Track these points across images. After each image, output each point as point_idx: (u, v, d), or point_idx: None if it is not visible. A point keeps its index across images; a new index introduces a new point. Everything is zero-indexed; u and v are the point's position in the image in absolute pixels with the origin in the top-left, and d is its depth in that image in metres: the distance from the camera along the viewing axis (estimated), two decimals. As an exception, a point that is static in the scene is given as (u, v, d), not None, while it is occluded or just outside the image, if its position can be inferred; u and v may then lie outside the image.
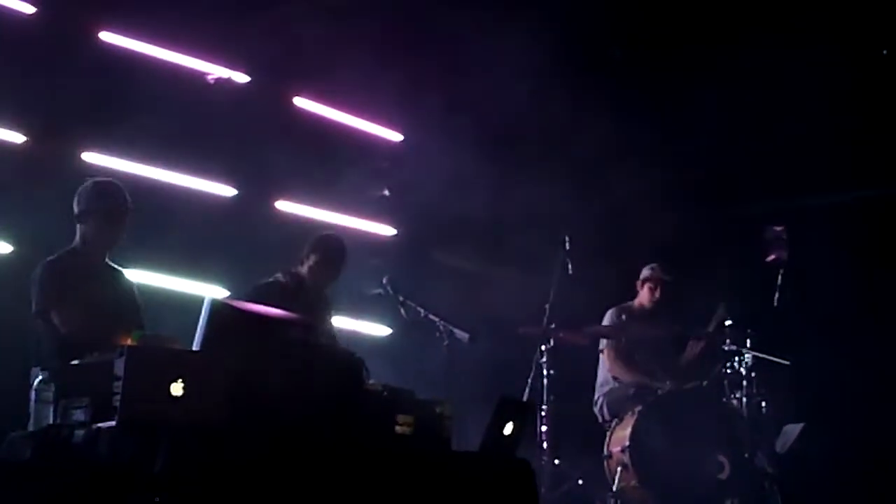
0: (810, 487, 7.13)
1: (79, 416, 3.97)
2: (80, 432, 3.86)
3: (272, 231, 7.69)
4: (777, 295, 7.66)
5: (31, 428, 4.19)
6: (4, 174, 6.49)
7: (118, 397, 3.74)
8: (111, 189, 5.55)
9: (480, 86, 8.05)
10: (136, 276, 6.00)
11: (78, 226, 5.49)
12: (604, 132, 8.01)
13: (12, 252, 6.55)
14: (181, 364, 3.86)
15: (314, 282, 6.50)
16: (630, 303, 7.89)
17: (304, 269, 6.48)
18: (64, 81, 6.77)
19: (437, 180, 8.25)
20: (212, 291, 7.11)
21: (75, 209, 5.49)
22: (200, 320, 4.28)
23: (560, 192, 8.24)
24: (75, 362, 4.28)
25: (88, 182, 5.59)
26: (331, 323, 6.65)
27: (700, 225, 8.72)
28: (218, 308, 4.38)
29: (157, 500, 3.54)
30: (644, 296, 7.85)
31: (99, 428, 3.80)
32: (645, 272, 7.87)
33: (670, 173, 8.45)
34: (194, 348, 4.18)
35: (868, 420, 8.04)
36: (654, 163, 8.28)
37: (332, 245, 6.58)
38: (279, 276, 6.45)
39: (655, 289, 7.79)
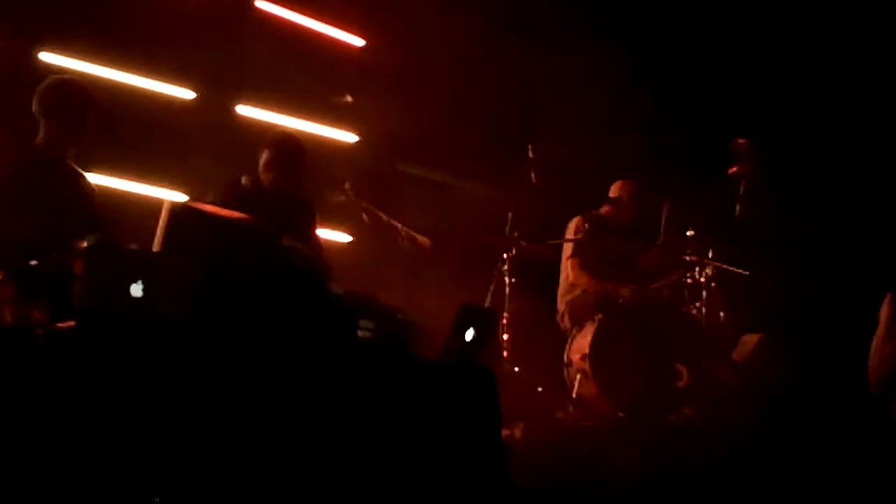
0: (766, 397, 7.21)
1: (37, 316, 3.94)
2: (39, 332, 3.82)
3: (233, 135, 7.59)
4: (738, 206, 7.66)
5: (-13, 328, 4.15)
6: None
7: (76, 298, 3.70)
8: (70, 86, 5.47)
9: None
10: (95, 178, 5.93)
11: (41, 123, 5.41)
12: (574, 40, 7.96)
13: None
14: (140, 265, 3.82)
15: (273, 182, 6.33)
16: (597, 211, 7.83)
17: (260, 170, 6.35)
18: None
19: (400, 86, 8.19)
20: (170, 195, 7.04)
21: (34, 106, 5.40)
22: (159, 223, 4.24)
23: (525, 101, 8.20)
24: (33, 262, 4.23)
25: (48, 79, 5.51)
26: (312, 230, 6.47)
27: (663, 136, 8.70)
28: (177, 211, 4.33)
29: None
30: (614, 210, 7.77)
31: (58, 327, 3.76)
32: (617, 189, 7.79)
33: (641, 86, 8.40)
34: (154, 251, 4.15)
35: (825, 331, 8.12)
36: (623, 77, 8.23)
37: (285, 141, 6.39)
38: (242, 178, 6.32)
39: (628, 207, 7.74)
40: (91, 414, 3.54)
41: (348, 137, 8.59)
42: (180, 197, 7.03)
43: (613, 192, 7.83)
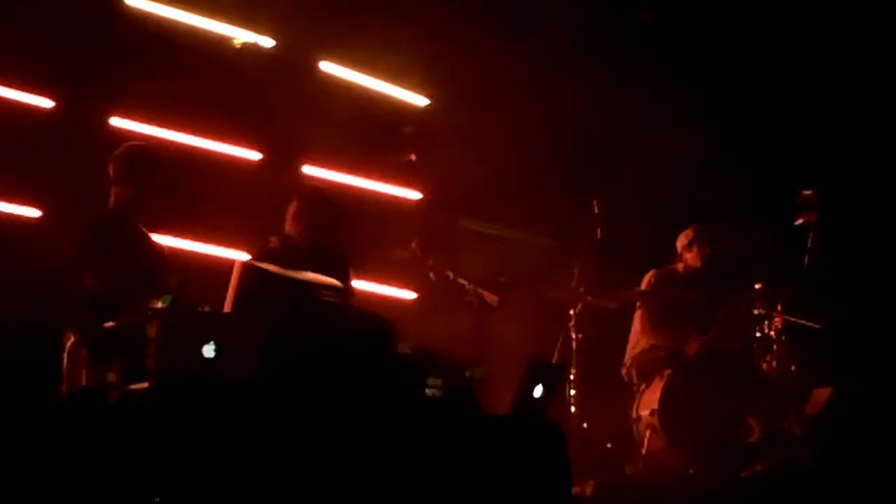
0: (841, 451, 7.08)
1: (111, 378, 3.99)
2: (113, 394, 3.87)
3: (299, 195, 7.66)
4: (807, 258, 7.58)
5: (64, 390, 4.21)
6: (34, 139, 6.52)
7: (150, 359, 3.74)
8: (145, 154, 5.61)
9: (507, 48, 8.01)
10: (163, 239, 6.02)
11: (112, 188, 5.55)
12: (634, 96, 7.96)
13: (41, 216, 6.58)
14: (212, 326, 3.85)
15: (304, 233, 6.26)
16: (673, 267, 7.75)
17: (289, 228, 6.32)
18: (90, 46, 6.80)
19: (463, 144, 8.24)
20: (238, 255, 7.09)
21: (110, 172, 5.54)
22: (230, 284, 4.29)
23: (588, 156, 8.20)
24: (108, 324, 4.29)
25: (123, 147, 5.66)
26: (347, 280, 6.48)
27: (729, 189, 8.65)
28: (247, 271, 4.38)
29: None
30: (692, 257, 7.69)
31: (132, 389, 3.81)
32: (689, 234, 7.71)
33: (702, 137, 8.38)
34: (225, 311, 4.19)
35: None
36: (684, 127, 8.22)
37: (312, 193, 6.43)
38: (270, 239, 6.32)
39: (705, 248, 7.64)
40: (162, 476, 3.57)
41: (412, 195, 8.63)
42: (248, 258, 7.09)
43: (679, 242, 7.78)
